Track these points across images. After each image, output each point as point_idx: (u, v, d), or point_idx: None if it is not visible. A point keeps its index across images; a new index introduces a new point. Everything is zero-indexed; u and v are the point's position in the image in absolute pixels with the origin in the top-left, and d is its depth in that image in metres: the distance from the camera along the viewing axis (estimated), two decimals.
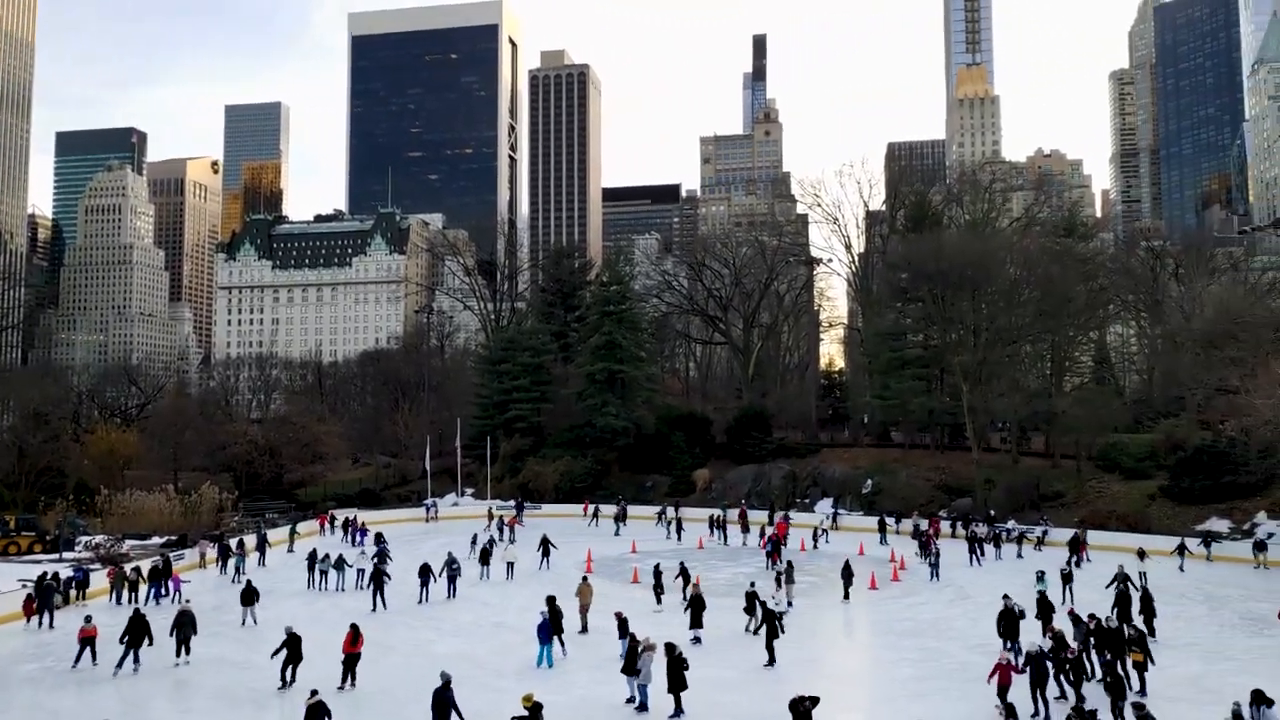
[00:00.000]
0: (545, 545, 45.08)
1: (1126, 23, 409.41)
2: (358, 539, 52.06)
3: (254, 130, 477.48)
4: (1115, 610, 28.25)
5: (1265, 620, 32.64)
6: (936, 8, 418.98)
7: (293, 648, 24.19)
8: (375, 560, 38.92)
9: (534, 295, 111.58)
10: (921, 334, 76.42)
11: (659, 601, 34.41)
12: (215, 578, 43.04)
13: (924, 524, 53.11)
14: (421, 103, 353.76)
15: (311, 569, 39.96)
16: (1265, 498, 52.22)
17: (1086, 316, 72.60)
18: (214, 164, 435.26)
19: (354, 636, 24.52)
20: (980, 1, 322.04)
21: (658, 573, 35.63)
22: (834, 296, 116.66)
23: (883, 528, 54.34)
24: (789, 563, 38.25)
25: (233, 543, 44.78)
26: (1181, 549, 44.70)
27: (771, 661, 25.95)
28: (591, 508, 63.06)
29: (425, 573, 36.71)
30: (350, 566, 40.05)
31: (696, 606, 29.03)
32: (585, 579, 33.15)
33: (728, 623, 30.67)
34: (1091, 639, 24.44)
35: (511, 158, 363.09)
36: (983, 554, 47.09)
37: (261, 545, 48.37)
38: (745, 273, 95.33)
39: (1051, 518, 56.44)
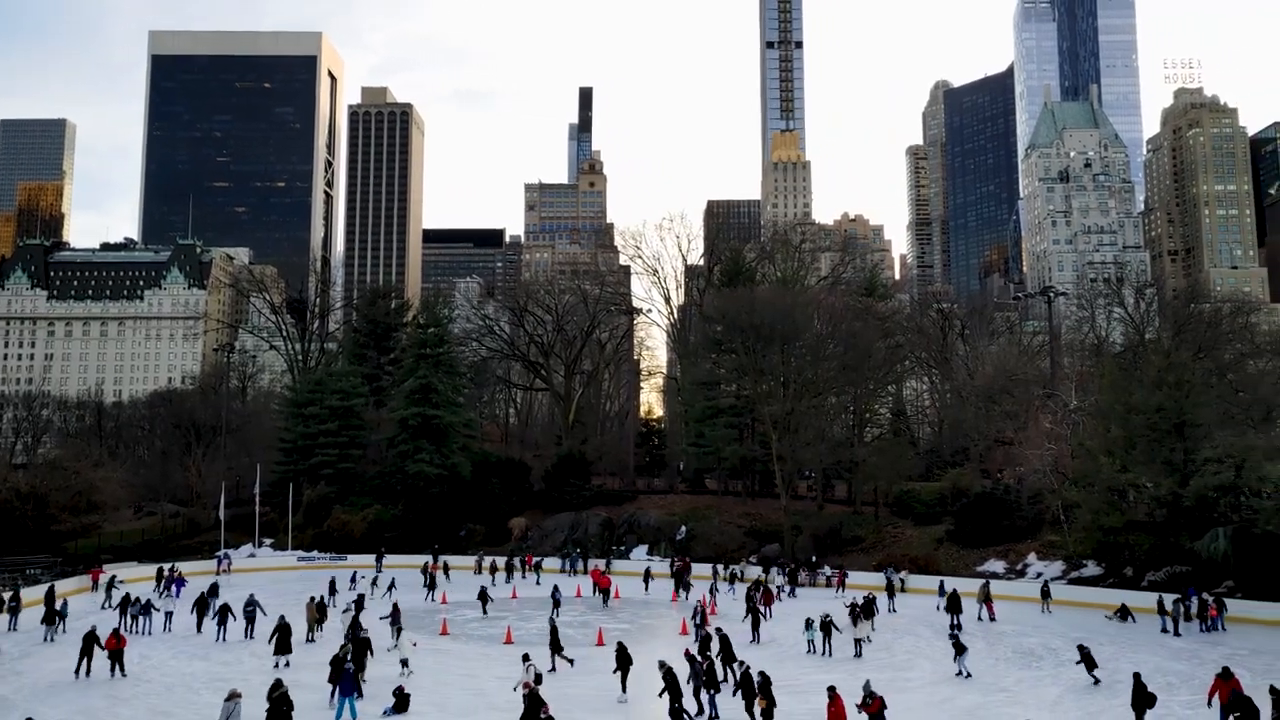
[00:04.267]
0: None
1: (921, 103, 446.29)
2: (175, 591, 48.31)
3: (32, 148, 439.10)
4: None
5: (1033, 654, 35.32)
6: (754, 75, 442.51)
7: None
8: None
9: (346, 336, 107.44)
10: (735, 384, 78.95)
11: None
12: None
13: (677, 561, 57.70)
14: (230, 130, 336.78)
15: (124, 613, 39.76)
16: (1035, 540, 56.75)
17: (885, 371, 77.31)
18: None
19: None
20: (794, 71, 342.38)
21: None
22: (654, 346, 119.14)
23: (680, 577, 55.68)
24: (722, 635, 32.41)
25: None
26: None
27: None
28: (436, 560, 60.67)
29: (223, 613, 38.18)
30: (157, 610, 40.46)
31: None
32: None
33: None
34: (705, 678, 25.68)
35: (328, 194, 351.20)
36: (774, 601, 46.81)
37: (14, 606, 42.34)
38: (567, 320, 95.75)
39: (852, 562, 59.20)
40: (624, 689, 27.78)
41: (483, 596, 46.61)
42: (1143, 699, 23.89)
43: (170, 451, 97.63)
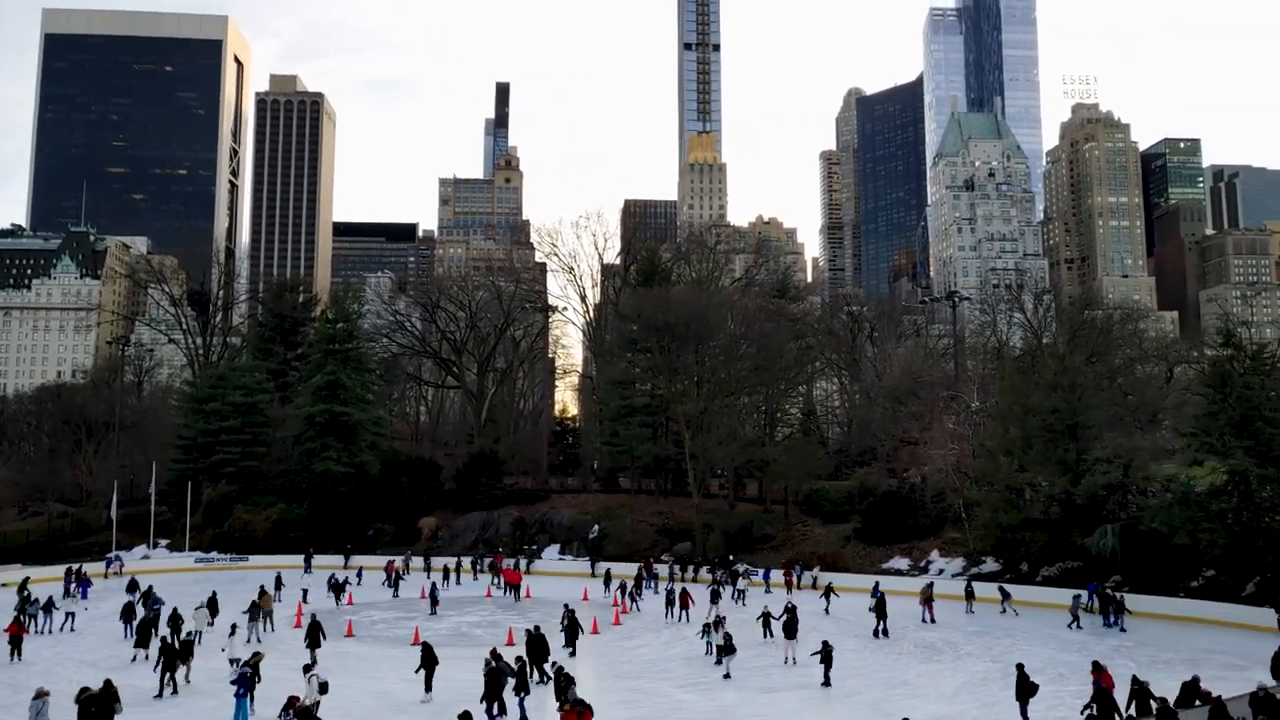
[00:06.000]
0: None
1: (835, 109, 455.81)
2: (82, 592, 48.00)
3: None
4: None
5: (934, 648, 36.37)
6: (672, 76, 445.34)
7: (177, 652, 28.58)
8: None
9: (251, 331, 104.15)
10: (649, 383, 79.19)
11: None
12: None
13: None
14: (128, 115, 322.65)
15: (22, 610, 39.30)
16: (938, 538, 58.41)
17: (796, 372, 78.57)
18: None
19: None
20: (711, 74, 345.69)
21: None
22: (569, 344, 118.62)
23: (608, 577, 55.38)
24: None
25: None
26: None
27: (501, 711, 25.42)
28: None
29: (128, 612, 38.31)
30: (58, 610, 40.60)
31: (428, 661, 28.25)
32: None
33: (449, 673, 29.59)
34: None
35: (233, 183, 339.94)
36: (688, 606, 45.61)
37: None
38: (481, 317, 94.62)
39: (762, 560, 59.94)
40: (428, 689, 27.57)
41: (433, 597, 46.30)
42: (1025, 689, 24.76)
43: (59, 449, 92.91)
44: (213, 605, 39.57)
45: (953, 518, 56.87)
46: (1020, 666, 25.59)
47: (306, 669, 25.78)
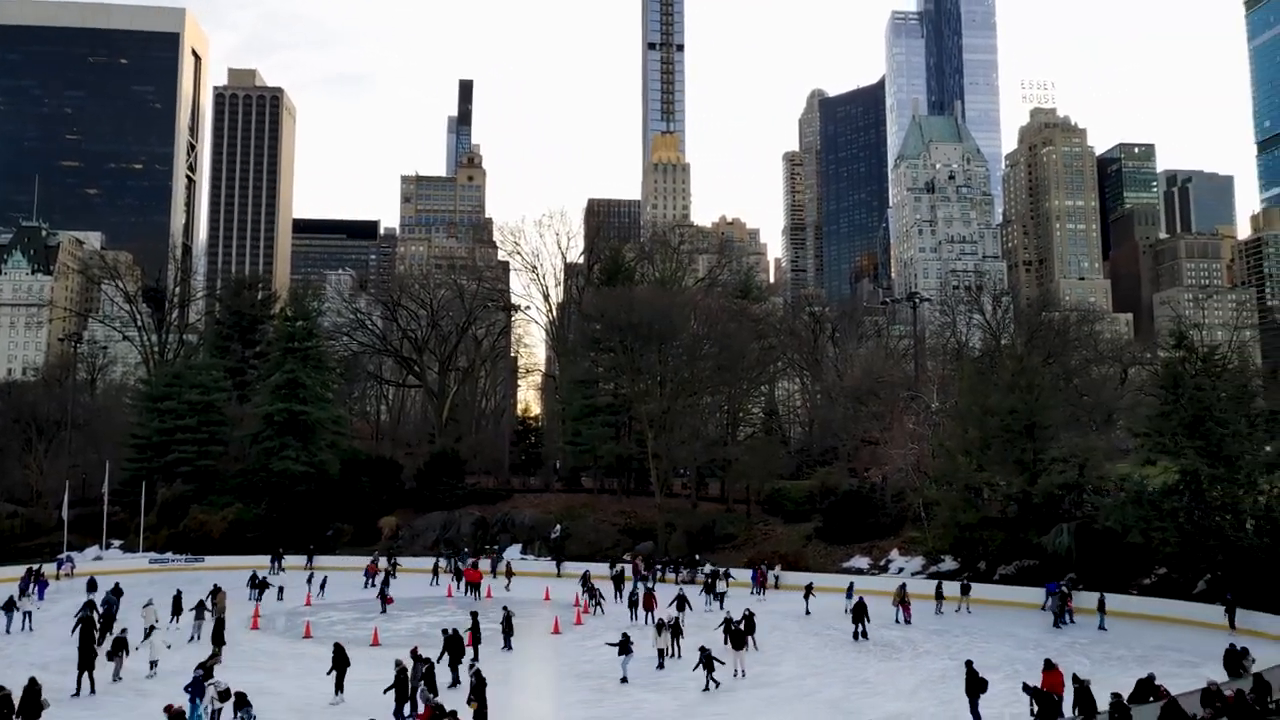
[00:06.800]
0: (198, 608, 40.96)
1: (798, 111, 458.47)
2: (39, 592, 47.53)
3: None
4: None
5: (893, 646, 36.66)
6: (636, 75, 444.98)
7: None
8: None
9: (208, 328, 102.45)
10: (612, 383, 79.17)
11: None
12: None
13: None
14: (83, 107, 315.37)
15: None
16: (898, 537, 59.00)
17: (758, 372, 78.99)
18: None
19: None
20: (675, 73, 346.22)
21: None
22: (532, 343, 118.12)
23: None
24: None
25: None
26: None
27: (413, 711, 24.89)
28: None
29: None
30: (18, 609, 40.36)
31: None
32: None
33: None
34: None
35: (190, 178, 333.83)
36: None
37: None
38: (443, 315, 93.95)
39: (724, 559, 60.08)
40: (338, 690, 27.17)
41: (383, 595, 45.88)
42: (975, 685, 25.02)
43: (9, 447, 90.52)
44: (177, 605, 40.74)
45: (912, 517, 57.44)
46: (969, 663, 25.80)
47: (207, 675, 24.99)
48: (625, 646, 30.24)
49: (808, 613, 44.03)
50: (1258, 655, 28.46)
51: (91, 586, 47.85)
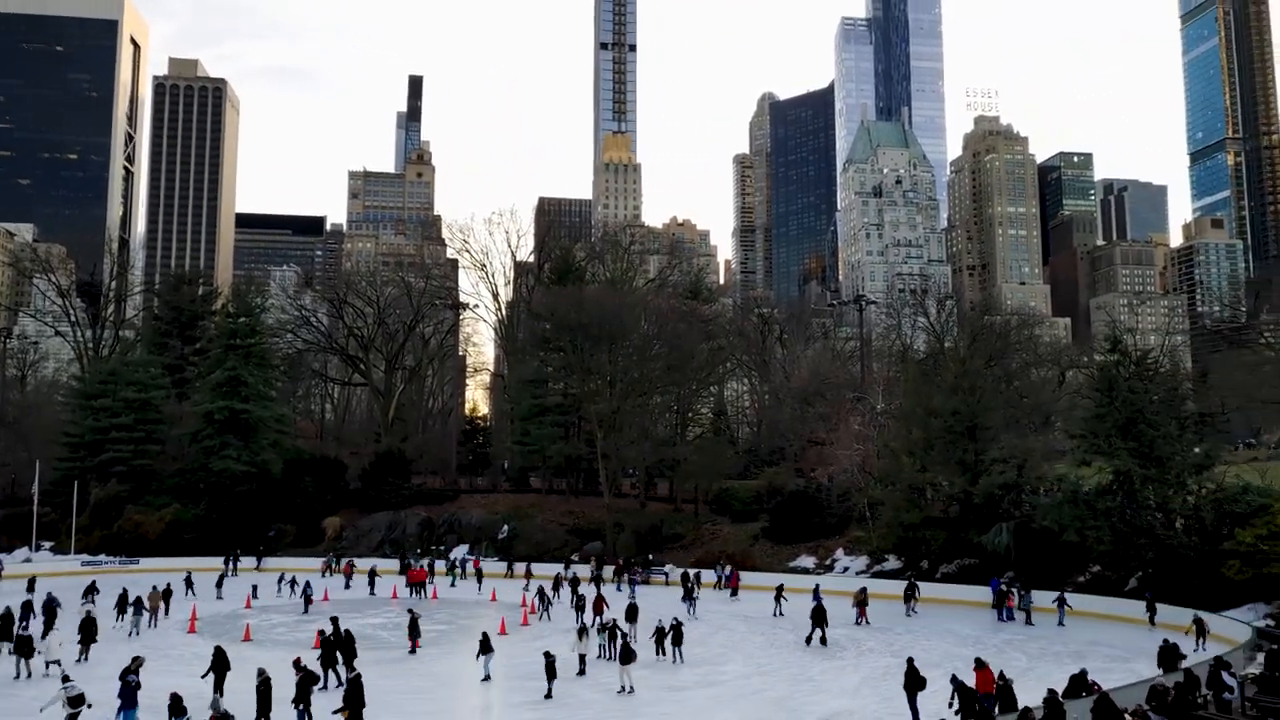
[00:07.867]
0: (137, 603, 40.03)
1: (748, 113, 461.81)
2: None
3: None
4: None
5: (838, 644, 37.07)
6: (588, 75, 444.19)
7: None
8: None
9: (146, 324, 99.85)
10: (562, 382, 78.96)
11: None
12: None
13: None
14: (15, 95, 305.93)
15: None
16: (843, 536, 59.74)
17: (707, 372, 79.34)
18: None
19: None
20: (627, 74, 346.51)
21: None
22: (480, 342, 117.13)
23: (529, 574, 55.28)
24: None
25: None
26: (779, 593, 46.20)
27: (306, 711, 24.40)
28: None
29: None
30: None
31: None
32: None
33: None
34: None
35: (128, 169, 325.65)
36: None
37: None
38: (389, 313, 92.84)
39: (672, 558, 60.31)
40: (218, 691, 26.37)
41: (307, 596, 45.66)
42: (913, 682, 25.44)
43: None
44: (122, 602, 40.36)
45: (857, 516, 58.21)
46: (910, 660, 26.20)
47: (64, 680, 24.05)
48: (486, 646, 30.35)
49: (780, 614, 43.54)
50: (1187, 650, 29.38)
51: (30, 587, 46.64)
